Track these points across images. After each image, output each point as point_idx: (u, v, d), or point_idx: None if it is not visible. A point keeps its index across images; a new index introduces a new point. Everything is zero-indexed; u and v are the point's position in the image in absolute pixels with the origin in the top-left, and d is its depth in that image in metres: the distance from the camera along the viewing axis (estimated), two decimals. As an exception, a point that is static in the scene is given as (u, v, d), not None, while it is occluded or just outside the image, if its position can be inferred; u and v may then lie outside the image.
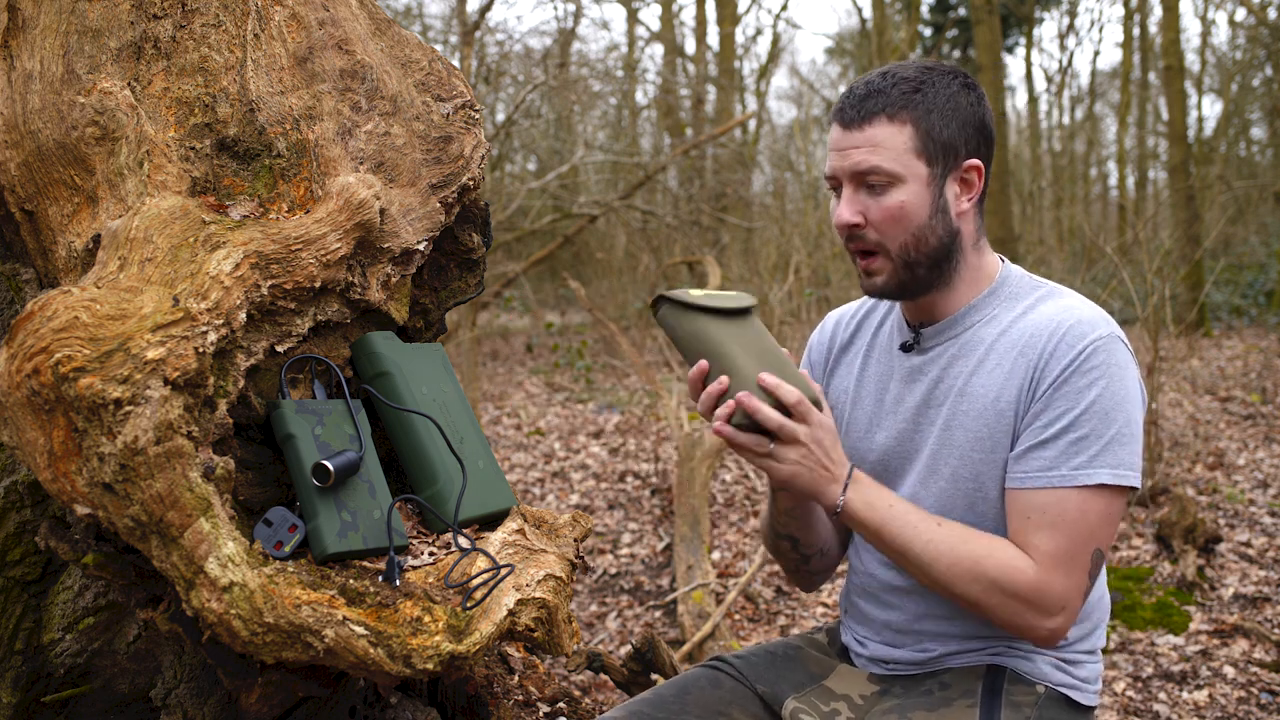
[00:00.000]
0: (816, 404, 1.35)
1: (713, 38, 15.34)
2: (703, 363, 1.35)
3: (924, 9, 16.46)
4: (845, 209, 1.38)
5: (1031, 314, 1.40)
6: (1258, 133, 17.98)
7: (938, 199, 1.38)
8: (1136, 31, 16.36)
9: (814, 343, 1.67)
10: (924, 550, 1.33)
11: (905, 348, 1.49)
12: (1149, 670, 3.13)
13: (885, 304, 1.59)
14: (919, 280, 1.41)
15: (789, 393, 1.30)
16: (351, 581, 1.28)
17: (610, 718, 1.43)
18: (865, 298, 1.64)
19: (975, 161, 1.41)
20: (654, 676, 2.37)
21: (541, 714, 1.95)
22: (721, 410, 1.30)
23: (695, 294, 1.39)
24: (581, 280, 11.52)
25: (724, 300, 1.39)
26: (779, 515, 1.56)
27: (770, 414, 1.29)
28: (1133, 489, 1.34)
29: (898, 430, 1.49)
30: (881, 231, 1.38)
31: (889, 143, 1.36)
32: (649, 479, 5.63)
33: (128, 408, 1.12)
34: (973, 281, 1.45)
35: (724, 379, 1.32)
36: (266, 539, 1.27)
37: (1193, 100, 16.25)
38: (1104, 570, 1.48)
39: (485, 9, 7.75)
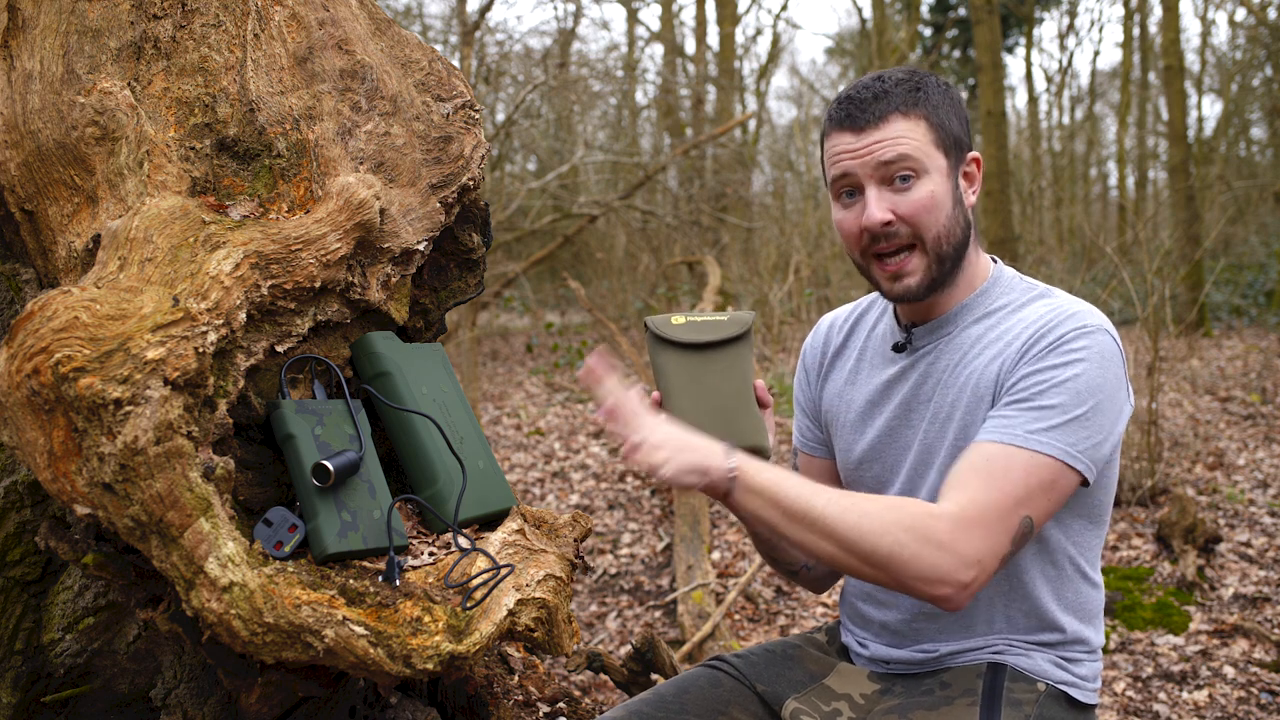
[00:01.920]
0: (760, 451, 1.33)
1: (713, 38, 15.33)
2: (655, 395, 1.35)
3: (924, 9, 16.46)
4: (875, 207, 1.36)
5: (1022, 311, 1.41)
6: (1258, 133, 17.99)
7: (955, 190, 1.40)
8: (1136, 31, 16.36)
9: (808, 347, 1.67)
10: (825, 511, 1.24)
11: (897, 348, 1.50)
12: (1149, 670, 3.13)
13: (879, 306, 1.59)
14: (946, 275, 1.41)
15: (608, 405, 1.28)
16: (351, 581, 1.28)
17: (610, 717, 1.43)
18: (859, 300, 1.65)
19: (976, 154, 1.43)
20: (654, 676, 2.37)
21: (541, 714, 1.96)
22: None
23: (676, 321, 1.35)
24: (581, 280, 11.51)
25: (698, 331, 1.35)
26: (752, 538, 1.58)
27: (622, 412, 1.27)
28: (1084, 479, 1.30)
29: (886, 427, 1.49)
30: (915, 224, 1.37)
31: (909, 135, 1.36)
32: (649, 479, 5.63)
33: (128, 408, 1.12)
34: (968, 279, 1.46)
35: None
36: (266, 539, 1.27)
37: (1193, 100, 16.25)
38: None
39: (485, 9, 7.75)
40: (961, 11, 16.32)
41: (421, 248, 1.55)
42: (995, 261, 1.50)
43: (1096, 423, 1.30)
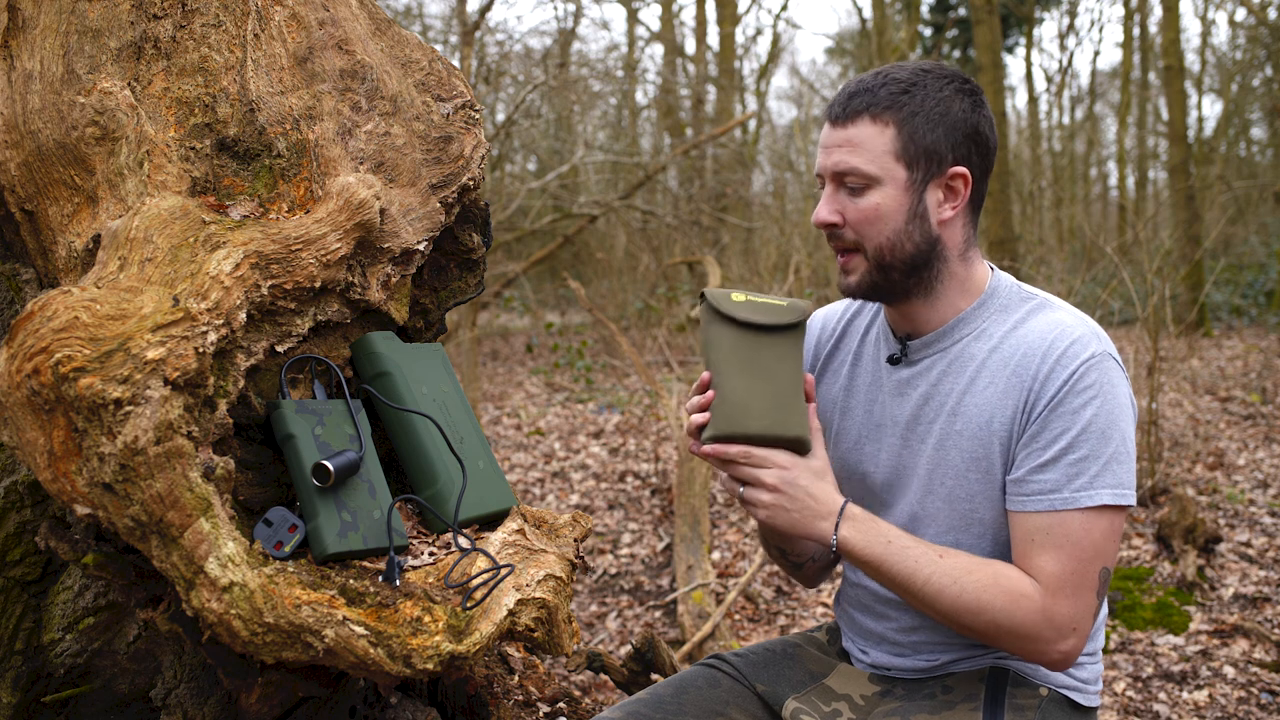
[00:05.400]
0: (801, 444, 1.33)
1: (713, 38, 15.34)
2: (705, 374, 1.33)
3: (924, 9, 16.45)
4: (823, 208, 1.39)
5: (1022, 329, 1.38)
6: (1258, 133, 17.99)
7: (916, 205, 1.36)
8: (1136, 31, 16.36)
9: None
10: (925, 585, 1.31)
11: (893, 360, 1.47)
12: (1149, 670, 3.13)
13: (871, 308, 1.57)
14: (894, 284, 1.40)
15: (737, 451, 1.30)
16: (351, 581, 1.28)
17: (607, 717, 1.43)
18: (850, 300, 1.63)
19: (961, 170, 1.37)
20: (654, 676, 2.37)
21: (541, 714, 1.95)
22: (690, 425, 1.32)
23: (736, 299, 1.34)
24: (581, 280, 11.52)
25: (759, 312, 1.34)
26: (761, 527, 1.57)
27: (730, 451, 1.30)
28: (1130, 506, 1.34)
29: (888, 446, 1.47)
30: (858, 232, 1.38)
31: (869, 144, 1.35)
32: (649, 479, 5.63)
33: (128, 408, 1.12)
34: (959, 292, 1.42)
35: (709, 394, 1.32)
36: (266, 539, 1.27)
37: (1193, 100, 16.25)
38: None
39: (485, 9, 7.75)
40: (961, 11, 16.31)
41: (421, 248, 1.55)
42: (993, 270, 1.47)
43: (1125, 451, 1.32)
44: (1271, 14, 14.06)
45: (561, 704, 1.99)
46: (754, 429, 1.32)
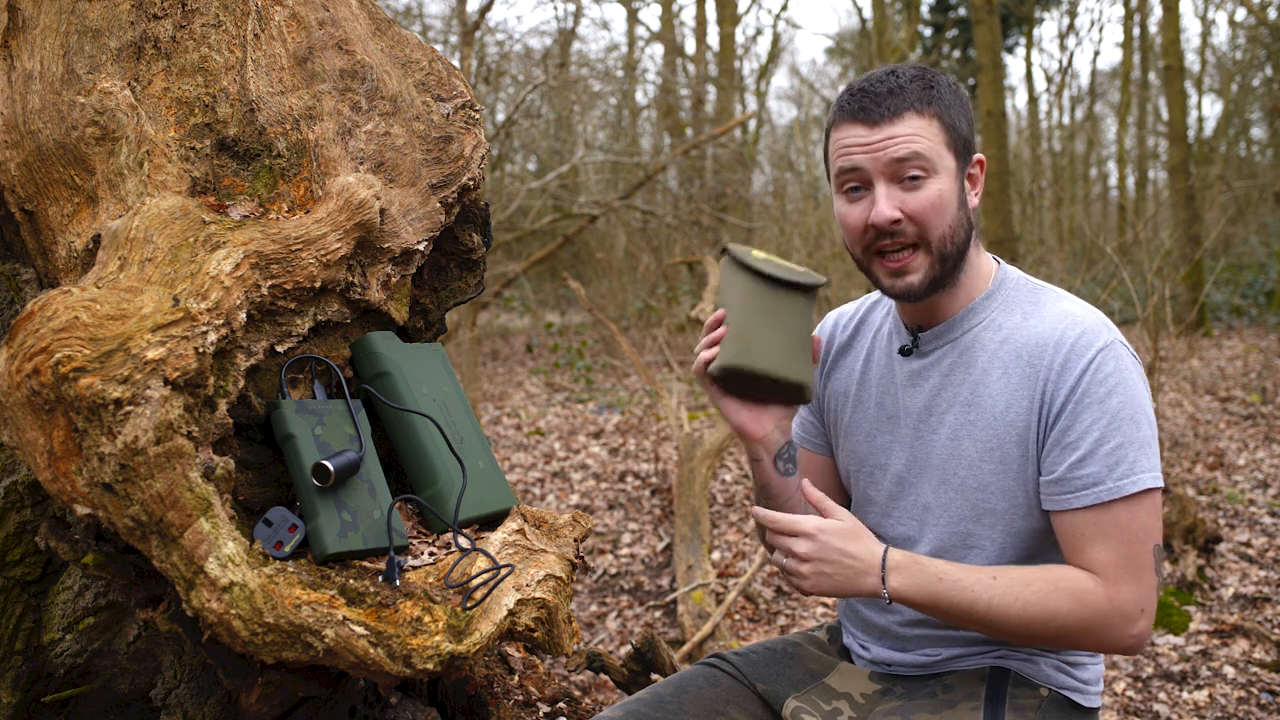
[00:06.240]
0: (803, 390, 1.37)
1: (713, 38, 15.34)
2: (719, 312, 1.37)
3: (924, 9, 16.45)
4: (885, 205, 1.35)
5: (1032, 320, 1.39)
6: (1258, 133, 18.00)
7: (960, 192, 1.39)
8: (1136, 31, 16.36)
9: None
10: (989, 611, 1.31)
11: (904, 351, 1.48)
12: (1149, 670, 3.13)
13: (884, 305, 1.58)
14: (948, 275, 1.41)
15: (773, 520, 1.34)
16: (351, 581, 1.28)
17: (607, 717, 1.43)
18: (864, 298, 1.64)
19: (980, 156, 1.43)
20: (654, 676, 2.37)
21: (541, 714, 1.95)
22: (698, 362, 1.36)
23: (757, 254, 1.39)
24: (581, 280, 11.52)
25: (778, 268, 1.38)
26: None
27: (778, 524, 1.33)
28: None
29: (901, 437, 1.48)
30: (921, 223, 1.36)
31: (925, 133, 1.36)
32: (649, 479, 5.63)
33: (128, 408, 1.12)
34: (971, 282, 1.44)
35: (721, 330, 1.35)
36: (266, 539, 1.27)
37: (1193, 100, 16.25)
38: None
39: (485, 9, 7.75)
40: (961, 11, 16.30)
41: (421, 248, 1.55)
42: (998, 262, 1.49)
43: (1151, 434, 1.35)
44: (1271, 14, 14.06)
45: (561, 704, 1.99)
46: (761, 366, 1.34)
